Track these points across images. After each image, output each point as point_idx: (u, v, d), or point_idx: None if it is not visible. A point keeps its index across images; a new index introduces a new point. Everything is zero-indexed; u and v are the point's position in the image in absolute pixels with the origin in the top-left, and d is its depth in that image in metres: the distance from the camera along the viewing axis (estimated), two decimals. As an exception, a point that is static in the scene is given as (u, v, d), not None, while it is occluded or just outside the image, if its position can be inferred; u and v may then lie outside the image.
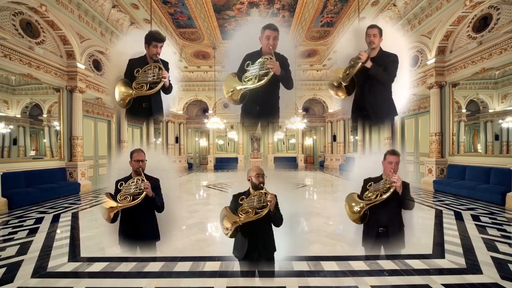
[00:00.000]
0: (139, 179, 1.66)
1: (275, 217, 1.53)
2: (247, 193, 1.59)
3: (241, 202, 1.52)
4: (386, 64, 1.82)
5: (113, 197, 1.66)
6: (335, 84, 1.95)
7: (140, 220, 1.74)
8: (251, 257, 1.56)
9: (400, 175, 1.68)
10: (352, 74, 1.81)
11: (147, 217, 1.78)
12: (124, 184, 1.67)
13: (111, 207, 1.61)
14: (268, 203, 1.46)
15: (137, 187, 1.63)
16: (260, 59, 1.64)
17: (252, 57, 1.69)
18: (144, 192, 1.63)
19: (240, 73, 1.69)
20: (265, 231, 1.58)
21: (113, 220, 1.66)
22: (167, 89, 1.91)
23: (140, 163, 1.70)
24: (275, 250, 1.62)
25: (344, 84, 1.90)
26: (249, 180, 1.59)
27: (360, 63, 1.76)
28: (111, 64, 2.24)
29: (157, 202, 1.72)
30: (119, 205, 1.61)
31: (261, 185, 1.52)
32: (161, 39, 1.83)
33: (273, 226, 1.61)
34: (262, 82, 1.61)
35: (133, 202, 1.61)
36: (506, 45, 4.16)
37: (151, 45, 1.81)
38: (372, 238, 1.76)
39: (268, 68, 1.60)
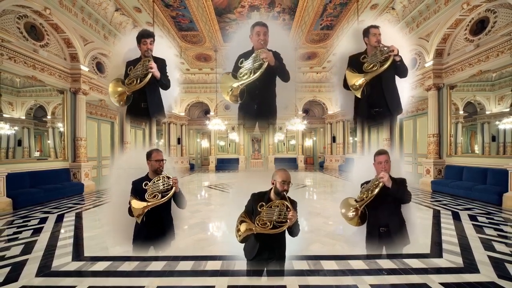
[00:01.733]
0: (164, 177, 1.67)
1: (292, 231, 1.46)
2: (267, 197, 1.51)
3: (260, 210, 1.43)
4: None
5: (136, 197, 1.65)
6: (357, 84, 1.82)
7: (164, 220, 1.74)
8: (260, 258, 1.53)
9: (395, 173, 1.68)
10: (383, 69, 1.73)
11: (168, 216, 1.78)
12: (149, 183, 1.67)
13: (144, 207, 1.60)
14: (288, 220, 1.37)
15: (164, 184, 1.64)
16: (253, 54, 1.64)
17: (245, 56, 1.70)
18: (173, 188, 1.63)
19: (235, 72, 1.69)
20: (278, 239, 1.52)
21: (142, 219, 1.65)
22: (161, 82, 1.92)
23: (160, 163, 1.71)
24: (284, 257, 1.58)
25: (367, 81, 1.80)
26: (273, 183, 1.49)
27: (392, 56, 1.70)
28: (111, 64, 2.30)
29: (183, 196, 1.75)
30: (149, 203, 1.60)
31: (284, 193, 1.43)
32: (149, 35, 1.87)
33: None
34: (257, 74, 1.59)
35: (163, 199, 1.61)
36: (503, 48, 4.22)
37: (141, 42, 1.87)
38: (375, 239, 1.74)
39: (262, 58, 1.59)
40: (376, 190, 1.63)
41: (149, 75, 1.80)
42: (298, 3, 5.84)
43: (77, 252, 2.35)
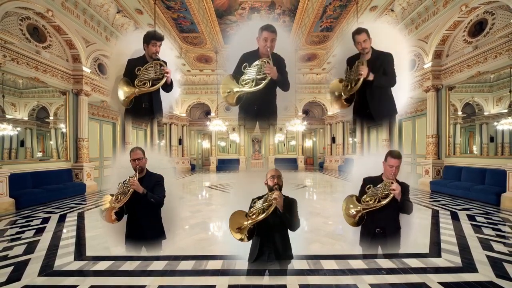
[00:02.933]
0: (130, 177, 1.63)
1: (287, 218, 1.40)
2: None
3: (253, 205, 1.46)
4: (384, 66, 1.81)
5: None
6: (336, 95, 1.97)
7: (143, 220, 1.73)
8: (261, 260, 1.52)
9: (400, 177, 1.67)
10: (355, 90, 1.80)
11: (150, 216, 1.77)
12: (120, 183, 1.67)
13: (106, 209, 1.62)
14: (273, 201, 1.34)
15: (127, 185, 1.62)
16: (257, 62, 1.62)
17: (249, 57, 1.69)
18: (130, 189, 1.57)
19: (237, 74, 1.69)
20: (279, 240, 1.49)
21: (118, 219, 1.66)
22: (168, 86, 1.92)
23: (136, 162, 1.67)
24: (290, 257, 1.55)
25: (344, 97, 1.89)
26: (266, 184, 1.50)
27: (361, 79, 1.74)
28: (111, 64, 2.29)
29: (148, 198, 1.63)
30: (114, 205, 1.60)
31: (276, 187, 1.42)
32: (160, 38, 1.86)
33: (289, 232, 1.51)
34: (260, 86, 1.61)
35: (124, 199, 1.58)
36: (501, 49, 4.25)
37: (150, 43, 1.84)
38: (369, 238, 1.76)
39: (265, 73, 1.60)
40: (385, 202, 1.58)
41: (164, 80, 1.80)
42: (298, 5, 5.89)
43: (79, 252, 2.37)
